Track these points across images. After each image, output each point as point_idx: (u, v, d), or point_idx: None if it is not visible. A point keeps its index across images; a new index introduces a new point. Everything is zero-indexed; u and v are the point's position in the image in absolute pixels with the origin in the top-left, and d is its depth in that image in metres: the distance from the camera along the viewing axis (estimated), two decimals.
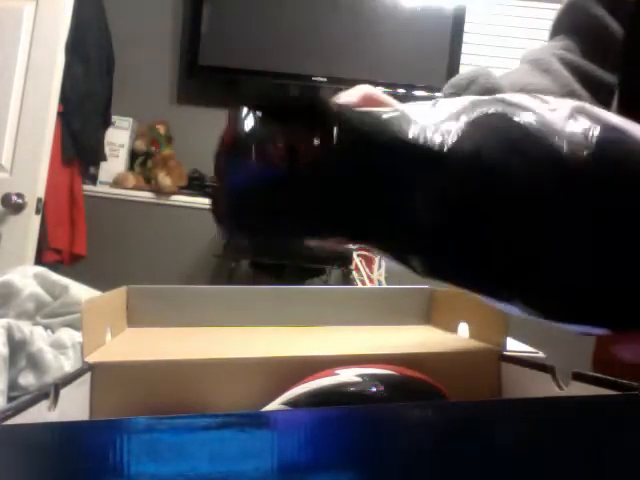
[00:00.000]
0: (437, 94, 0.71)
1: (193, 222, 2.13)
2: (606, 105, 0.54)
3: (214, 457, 0.23)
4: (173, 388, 0.39)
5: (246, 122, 0.29)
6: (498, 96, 0.29)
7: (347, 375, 0.36)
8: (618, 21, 0.58)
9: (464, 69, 2.16)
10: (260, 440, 0.23)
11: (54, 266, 1.70)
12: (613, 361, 0.52)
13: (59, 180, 1.89)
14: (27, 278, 0.67)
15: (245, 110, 0.29)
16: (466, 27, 2.15)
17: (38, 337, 0.58)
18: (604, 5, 0.59)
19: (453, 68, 2.09)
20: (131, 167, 2.19)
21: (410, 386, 0.36)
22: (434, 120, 0.28)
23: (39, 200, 1.77)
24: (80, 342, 0.59)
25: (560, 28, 0.63)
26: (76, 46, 1.85)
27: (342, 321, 0.54)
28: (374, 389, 0.34)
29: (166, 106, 2.24)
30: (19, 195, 1.74)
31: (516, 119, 0.27)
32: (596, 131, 0.27)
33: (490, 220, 0.27)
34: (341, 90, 0.38)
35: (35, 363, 0.55)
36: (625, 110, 0.46)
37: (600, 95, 0.58)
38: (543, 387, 0.36)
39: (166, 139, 2.17)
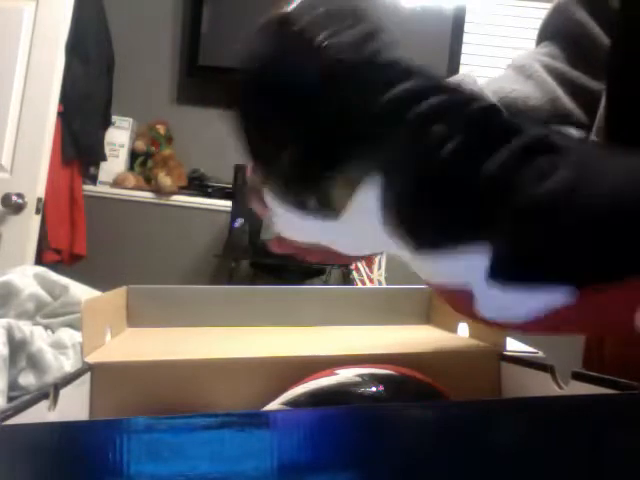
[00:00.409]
0: None
1: (193, 222, 2.13)
2: (591, 111, 0.54)
3: (214, 457, 0.23)
4: (173, 388, 0.39)
5: (304, 4, 0.28)
6: None
7: (347, 375, 0.36)
8: (602, 26, 0.57)
9: (464, 69, 2.16)
10: (260, 440, 0.23)
11: (54, 266, 1.70)
12: (603, 361, 0.52)
13: (59, 180, 1.89)
14: (27, 278, 0.67)
15: None
16: (466, 27, 2.15)
17: (38, 337, 0.58)
18: (588, 11, 0.58)
19: (453, 68, 2.09)
20: (131, 167, 2.20)
21: (410, 386, 0.36)
22: None
23: (39, 200, 1.78)
24: (80, 342, 0.59)
25: (545, 34, 0.62)
26: (76, 46, 1.85)
27: (342, 321, 0.54)
28: (374, 389, 0.34)
29: (166, 106, 2.24)
30: (19, 195, 1.75)
31: None
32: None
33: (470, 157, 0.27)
34: None
35: (35, 363, 0.55)
36: (612, 117, 0.45)
37: (584, 102, 0.57)
38: (543, 387, 0.36)
39: (166, 139, 2.17)
